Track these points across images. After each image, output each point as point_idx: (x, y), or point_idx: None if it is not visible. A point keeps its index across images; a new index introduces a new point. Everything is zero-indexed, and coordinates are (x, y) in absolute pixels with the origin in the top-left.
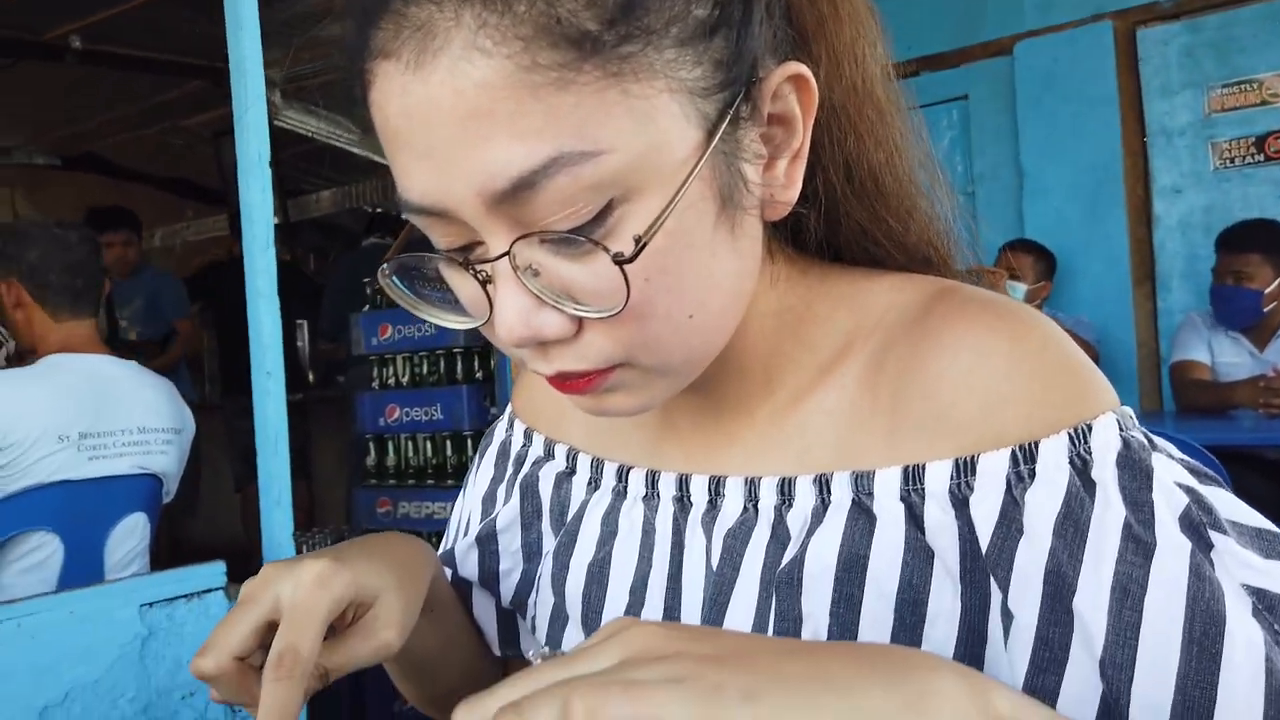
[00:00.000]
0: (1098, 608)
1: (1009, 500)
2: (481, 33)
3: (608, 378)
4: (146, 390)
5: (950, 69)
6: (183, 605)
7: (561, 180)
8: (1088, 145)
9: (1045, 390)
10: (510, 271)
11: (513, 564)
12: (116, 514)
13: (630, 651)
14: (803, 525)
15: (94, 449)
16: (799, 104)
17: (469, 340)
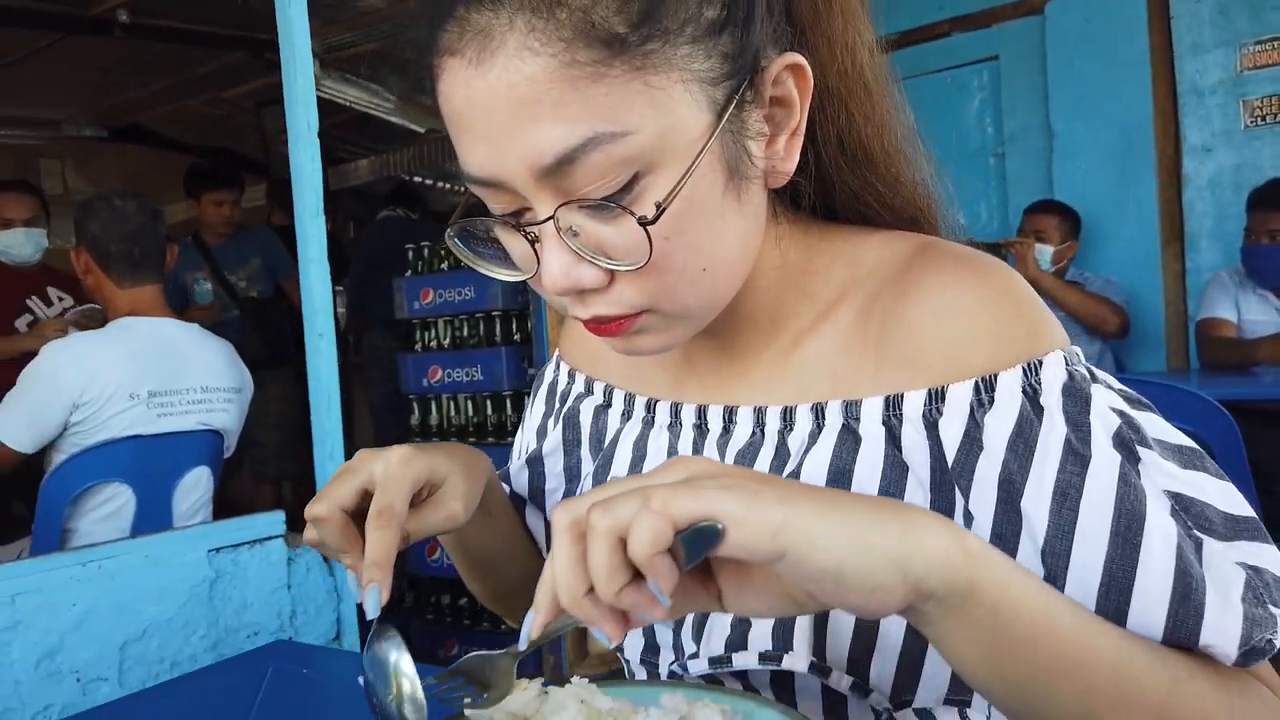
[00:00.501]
0: (1041, 508)
1: (972, 422)
2: (531, 35)
3: (635, 322)
4: (208, 352)
5: (980, 29)
6: (246, 551)
7: (596, 156)
8: (1118, 105)
9: (1004, 331)
10: (554, 232)
11: (557, 484)
12: (183, 467)
13: (692, 472)
14: (800, 445)
15: (162, 406)
16: (797, 89)
17: (507, 303)
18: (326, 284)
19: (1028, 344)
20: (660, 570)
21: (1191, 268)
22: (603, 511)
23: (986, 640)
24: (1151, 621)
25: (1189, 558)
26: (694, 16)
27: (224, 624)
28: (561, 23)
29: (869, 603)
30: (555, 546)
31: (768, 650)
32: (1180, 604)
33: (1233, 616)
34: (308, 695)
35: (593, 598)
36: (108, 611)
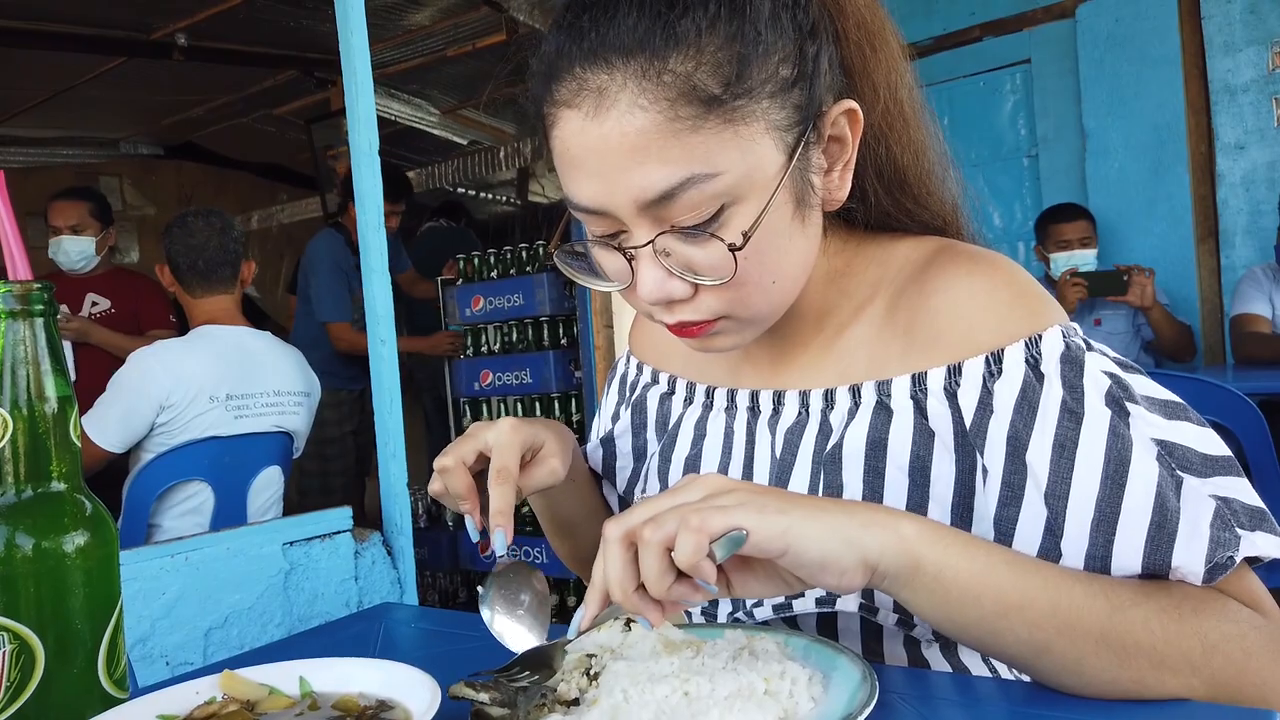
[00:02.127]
0: (1043, 458)
1: (984, 391)
2: (641, 95)
3: (713, 326)
4: (280, 358)
5: (1012, 33)
6: (318, 544)
7: (691, 193)
8: (1150, 104)
9: (1008, 311)
10: (651, 254)
11: (626, 462)
12: (257, 466)
13: (710, 489)
14: (841, 421)
15: (239, 409)
16: (850, 129)
17: (554, 309)
18: (388, 293)
19: (1029, 321)
20: (703, 571)
21: (1226, 264)
22: (654, 528)
23: (938, 601)
24: (1132, 549)
25: (1167, 494)
26: (773, 76)
27: (297, 613)
28: (667, 85)
29: (840, 583)
30: (607, 553)
31: (823, 596)
32: (1156, 532)
33: (1199, 540)
34: (426, 643)
35: (640, 593)
36: (194, 600)
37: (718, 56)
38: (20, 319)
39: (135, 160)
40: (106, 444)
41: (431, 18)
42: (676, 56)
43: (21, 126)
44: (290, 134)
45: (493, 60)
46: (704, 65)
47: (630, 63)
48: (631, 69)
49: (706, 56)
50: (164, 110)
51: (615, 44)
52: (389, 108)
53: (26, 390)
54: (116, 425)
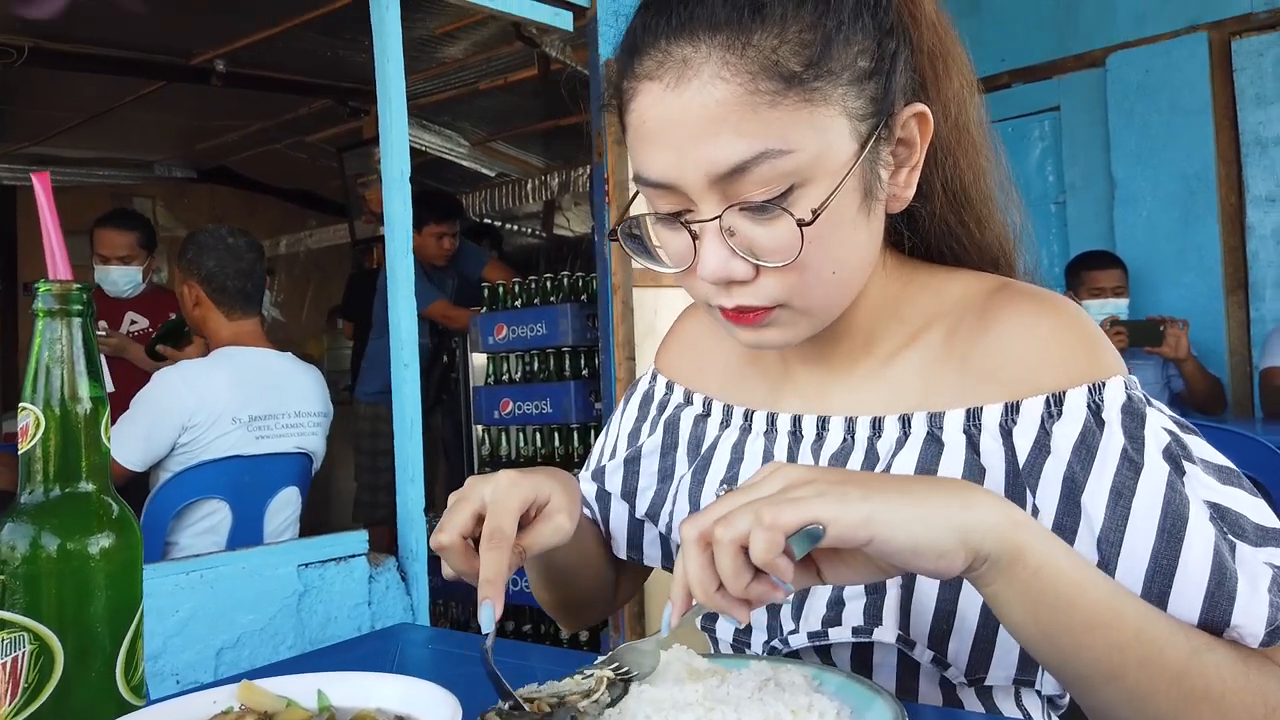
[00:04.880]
0: (1099, 503)
1: (1042, 431)
2: (724, 68)
3: (770, 314)
4: (301, 379)
5: (1042, 80)
6: (332, 567)
7: (764, 168)
8: (1180, 155)
9: (1073, 355)
10: (716, 230)
11: (649, 483)
12: (275, 486)
13: (787, 480)
14: (889, 450)
15: (260, 430)
16: (919, 132)
17: (577, 339)
18: (413, 318)
19: (1092, 368)
20: (779, 568)
21: (1255, 317)
22: (725, 527)
23: (1031, 596)
24: (1189, 604)
25: (1224, 555)
26: (851, 64)
27: (310, 636)
28: (750, 59)
29: (938, 566)
30: (686, 554)
31: (860, 625)
32: (1215, 590)
33: (1259, 604)
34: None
35: (722, 591)
36: (206, 619)
37: (802, 37)
38: (58, 318)
39: (169, 183)
40: (128, 462)
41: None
42: (761, 33)
43: (60, 146)
44: (321, 161)
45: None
46: (787, 43)
47: (716, 36)
48: (717, 42)
49: (790, 35)
50: (199, 134)
51: (703, 19)
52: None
53: (60, 390)
54: (139, 444)
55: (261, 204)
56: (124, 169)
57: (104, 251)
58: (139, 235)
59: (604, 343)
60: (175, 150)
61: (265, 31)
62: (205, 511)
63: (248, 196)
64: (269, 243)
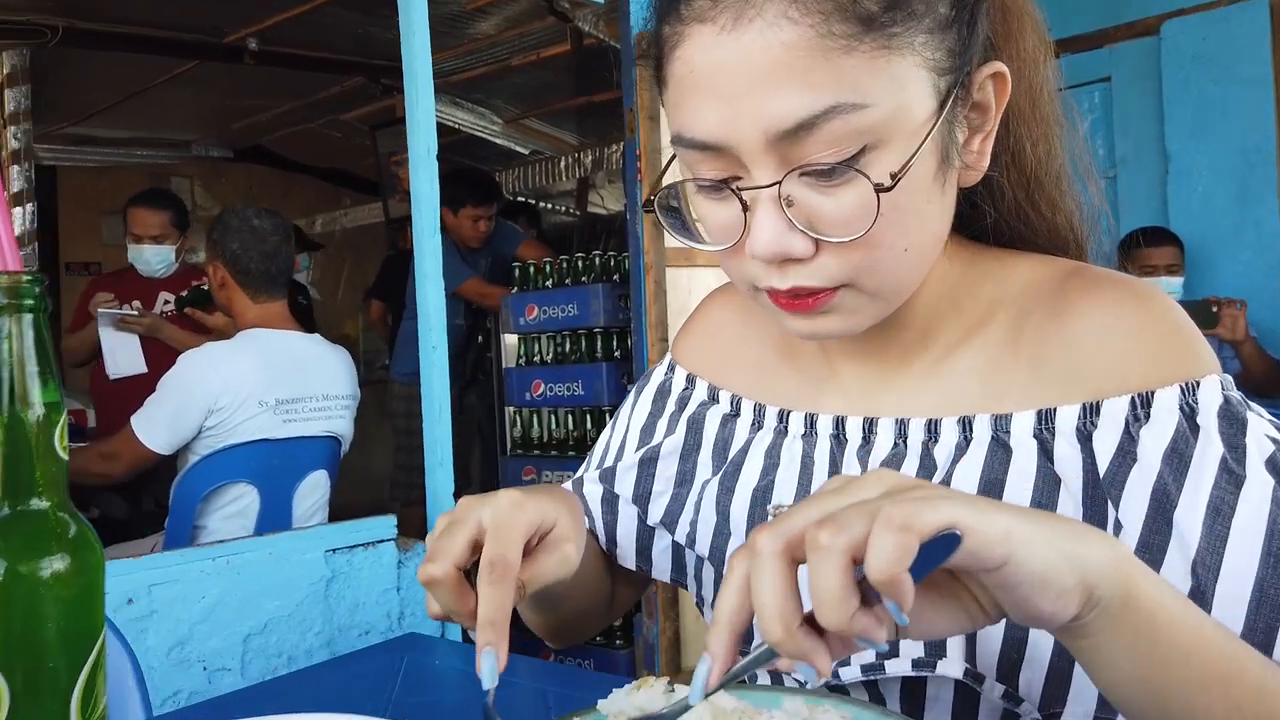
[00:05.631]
0: (1194, 521)
1: (1126, 436)
2: (792, 6)
3: (832, 297)
4: (329, 362)
5: (1092, 50)
6: (360, 553)
7: (835, 125)
8: (1238, 127)
9: (1163, 350)
10: (774, 198)
11: (665, 487)
12: (303, 470)
13: (889, 485)
14: (948, 456)
15: (287, 413)
16: (995, 95)
17: (609, 320)
18: (441, 300)
19: (1184, 365)
20: (904, 589)
21: None
22: (834, 530)
23: (1142, 649)
24: None
25: None
26: (932, 9)
27: (337, 622)
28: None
29: (1055, 608)
30: (760, 574)
31: (920, 658)
32: None
33: None
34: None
35: (806, 629)
36: (233, 604)
37: None
38: (7, 314)
39: (206, 162)
40: (154, 445)
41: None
42: None
43: (97, 127)
44: (355, 139)
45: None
46: None
47: None
48: None
49: None
50: (234, 114)
51: None
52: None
53: (9, 394)
54: (165, 427)
55: (297, 183)
56: (162, 149)
57: (137, 231)
58: (172, 214)
59: (636, 324)
60: (212, 130)
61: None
62: (233, 495)
63: (283, 175)
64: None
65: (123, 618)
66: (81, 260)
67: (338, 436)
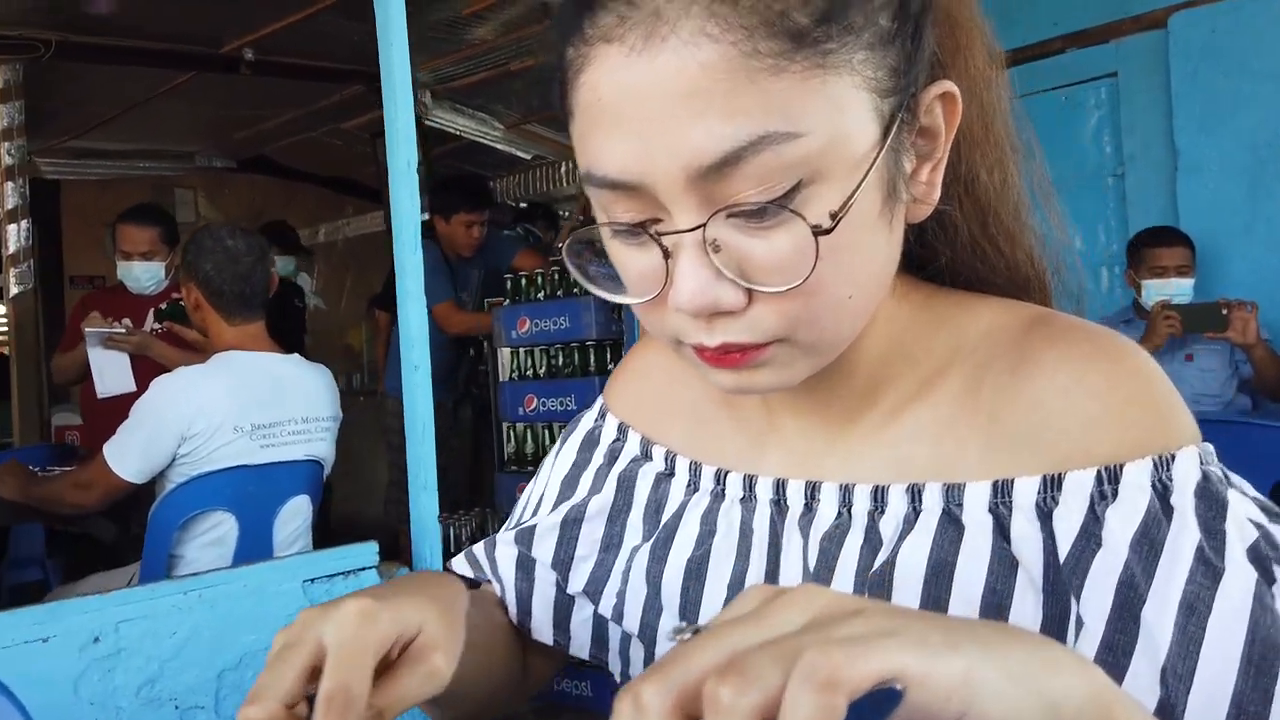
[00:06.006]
0: (1165, 620)
1: (1090, 516)
2: (710, 20)
3: (764, 352)
4: (309, 383)
5: (1098, 45)
6: (340, 581)
7: (764, 157)
8: (1250, 121)
9: (1134, 417)
10: (698, 244)
11: (589, 551)
12: (283, 496)
13: (816, 611)
14: (894, 531)
15: (265, 438)
16: (945, 119)
17: (601, 333)
18: (423, 317)
19: (1160, 434)
20: None
21: None
22: (739, 684)
23: None
24: None
25: None
26: (872, 21)
27: None
28: (745, 10)
29: None
30: None
31: None
32: None
33: None
34: None
35: None
36: (206, 640)
37: None
38: None
39: (209, 173)
40: (127, 474)
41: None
42: None
43: (100, 140)
44: (357, 148)
45: None
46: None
47: None
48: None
49: None
50: (236, 124)
51: None
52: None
53: None
54: (137, 455)
55: (300, 192)
56: (165, 160)
57: (126, 247)
58: (161, 230)
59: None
60: (214, 141)
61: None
62: (211, 523)
63: (286, 185)
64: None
65: (89, 657)
66: (86, 274)
67: (319, 460)
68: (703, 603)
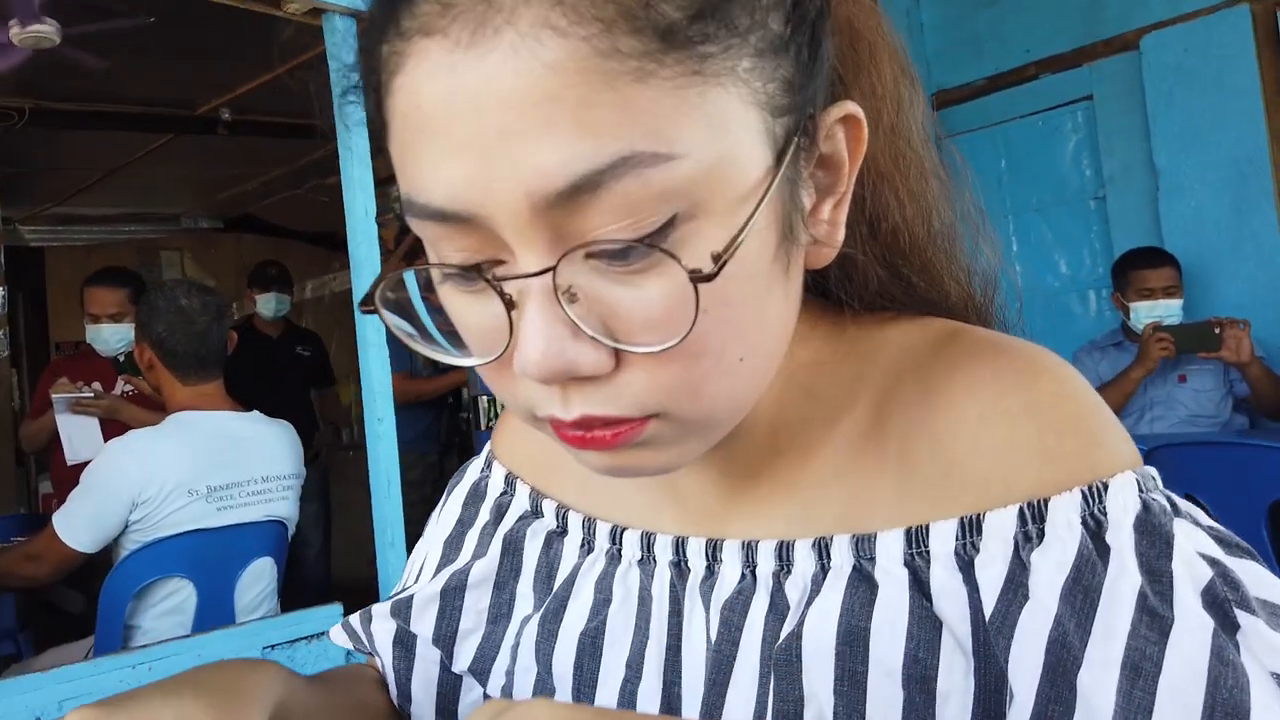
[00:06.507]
0: (1105, 685)
1: (1016, 563)
2: (556, 10)
3: (640, 430)
4: (269, 440)
5: (1072, 69)
6: (303, 646)
7: (628, 184)
8: (1228, 138)
9: (1057, 443)
10: (548, 292)
11: (475, 623)
12: (245, 559)
13: None
14: (801, 594)
15: (222, 499)
16: (848, 146)
17: None
18: (385, 369)
19: (1089, 461)
20: None
21: None
22: None
23: None
24: None
25: None
26: (760, 23)
27: None
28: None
29: None
30: None
31: None
32: None
33: None
34: None
35: None
36: None
37: None
38: None
39: (195, 234)
40: (76, 544)
41: None
42: None
43: (85, 205)
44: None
45: None
46: None
47: None
48: None
49: None
50: (219, 185)
51: None
52: None
53: None
54: (86, 524)
55: (288, 249)
56: (150, 223)
57: (94, 310)
58: (129, 291)
59: None
60: (199, 202)
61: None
62: (167, 591)
63: (274, 242)
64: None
65: None
66: (72, 340)
67: (281, 520)
68: (599, 682)
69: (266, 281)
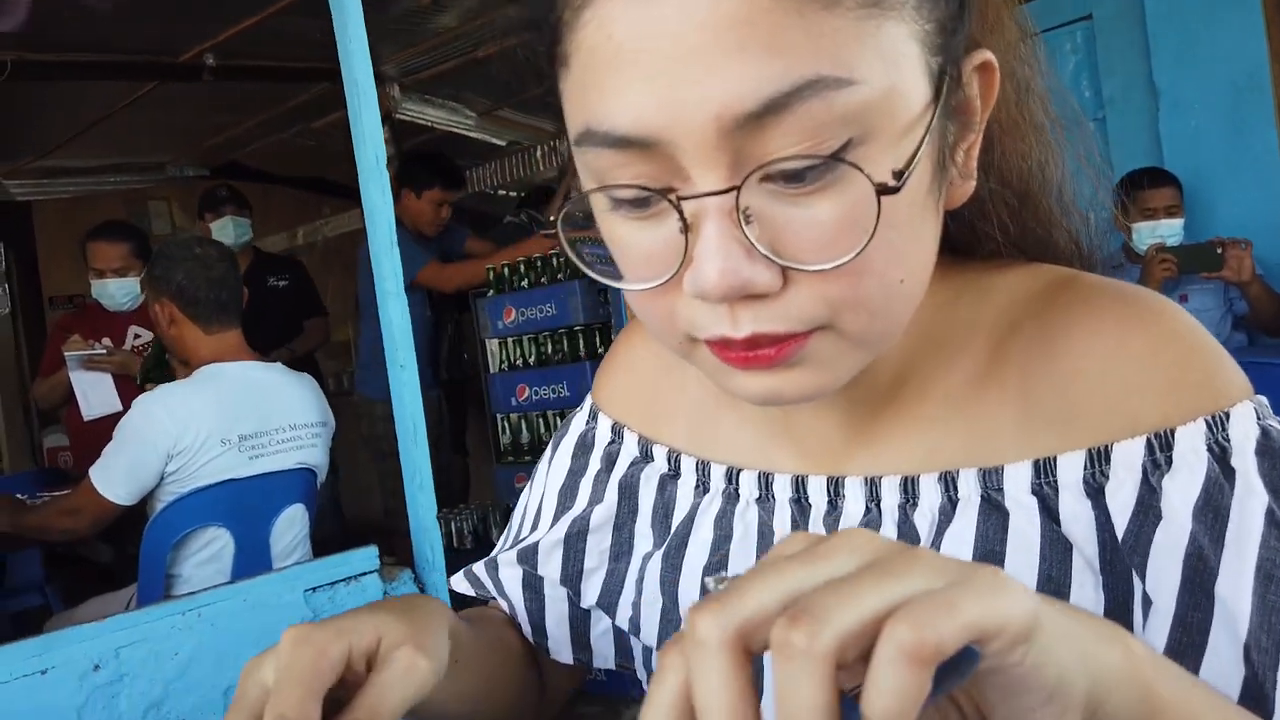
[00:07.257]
0: (1241, 591)
1: (1145, 488)
2: None
3: (804, 344)
4: (294, 389)
5: None
6: (343, 588)
7: (813, 106)
8: (1229, 56)
9: (1180, 378)
10: (727, 212)
11: (598, 563)
12: (278, 506)
13: (867, 555)
14: (931, 524)
15: (254, 449)
16: (982, 92)
17: (589, 317)
18: (405, 316)
19: (1209, 395)
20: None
21: None
22: (813, 627)
23: None
24: None
25: None
26: None
27: None
28: None
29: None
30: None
31: None
32: None
33: None
34: None
35: None
36: (210, 658)
37: None
38: None
39: (181, 182)
40: (114, 496)
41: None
42: None
43: (69, 158)
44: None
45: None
46: None
47: None
48: None
49: None
50: (206, 132)
51: None
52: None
53: None
54: (124, 477)
55: (276, 195)
56: (135, 173)
57: (98, 265)
58: (132, 245)
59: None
60: (184, 150)
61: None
62: (205, 540)
63: (261, 189)
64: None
65: (90, 685)
66: (65, 293)
67: (311, 467)
68: None
69: (217, 204)
